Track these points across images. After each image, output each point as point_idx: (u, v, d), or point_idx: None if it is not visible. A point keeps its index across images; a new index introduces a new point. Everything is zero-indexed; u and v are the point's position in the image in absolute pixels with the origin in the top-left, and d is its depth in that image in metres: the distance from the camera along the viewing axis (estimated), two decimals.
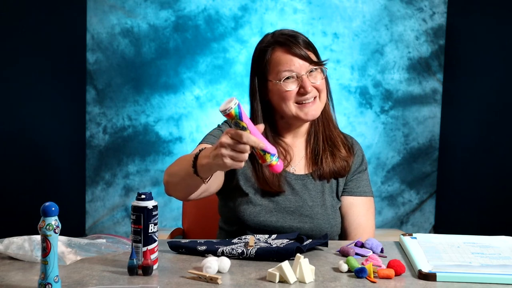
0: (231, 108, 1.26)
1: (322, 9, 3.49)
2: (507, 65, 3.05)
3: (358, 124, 3.54)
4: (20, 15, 3.03)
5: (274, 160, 1.32)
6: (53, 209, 1.13)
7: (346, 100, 3.52)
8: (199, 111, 3.48)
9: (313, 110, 1.67)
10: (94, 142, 3.47)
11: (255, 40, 3.43)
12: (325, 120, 1.75)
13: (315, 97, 1.67)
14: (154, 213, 1.31)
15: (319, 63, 1.68)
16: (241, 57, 3.46)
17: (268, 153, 1.31)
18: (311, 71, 1.66)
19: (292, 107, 1.66)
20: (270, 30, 1.78)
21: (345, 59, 3.51)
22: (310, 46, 1.69)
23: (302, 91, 1.64)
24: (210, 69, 3.47)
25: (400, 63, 3.54)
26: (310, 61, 1.66)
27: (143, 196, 1.31)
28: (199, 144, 1.70)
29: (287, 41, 1.66)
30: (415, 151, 3.60)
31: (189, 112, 3.48)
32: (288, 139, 1.75)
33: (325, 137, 1.74)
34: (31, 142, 3.13)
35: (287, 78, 1.65)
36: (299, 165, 1.74)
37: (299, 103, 1.66)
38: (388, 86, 3.55)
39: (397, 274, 1.29)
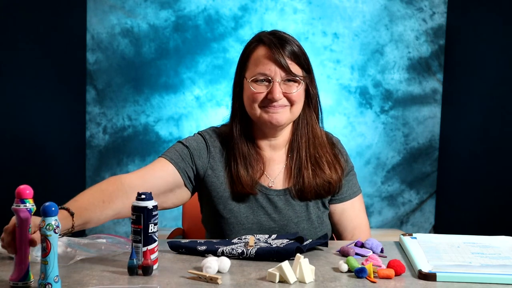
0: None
1: (322, 9, 3.49)
2: (507, 65, 3.05)
3: (358, 124, 3.54)
4: (20, 15, 3.03)
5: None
6: (53, 209, 1.13)
7: (346, 100, 3.52)
8: (199, 111, 3.48)
9: (279, 115, 1.59)
10: (94, 142, 3.47)
11: None
12: (311, 137, 1.67)
13: (286, 106, 1.60)
14: (154, 213, 1.31)
15: (294, 75, 1.59)
16: None
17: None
18: (288, 80, 1.59)
19: (257, 110, 1.60)
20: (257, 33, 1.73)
21: (345, 59, 3.51)
22: (296, 56, 1.60)
23: (269, 97, 1.58)
24: (210, 69, 3.47)
25: (400, 63, 3.54)
26: (286, 72, 1.58)
27: (143, 196, 1.31)
28: (159, 157, 1.65)
29: (271, 43, 1.59)
30: (415, 151, 3.60)
31: (189, 112, 3.48)
32: (267, 151, 1.68)
33: (309, 154, 1.65)
34: (31, 142, 3.13)
35: (259, 80, 1.59)
36: (278, 179, 1.67)
37: (265, 106, 1.59)
38: (388, 86, 3.55)
39: (397, 274, 1.29)
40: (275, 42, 1.59)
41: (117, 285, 1.20)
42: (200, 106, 3.48)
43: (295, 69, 1.60)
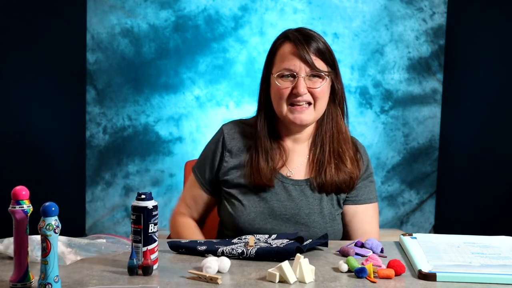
0: None
1: (322, 9, 3.49)
2: (507, 65, 3.05)
3: (358, 124, 3.54)
4: (20, 15, 3.03)
5: None
6: (53, 209, 1.13)
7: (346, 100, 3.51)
8: (199, 111, 3.48)
9: (304, 115, 1.63)
10: (94, 142, 3.47)
11: (255, 40, 3.44)
12: (335, 132, 1.71)
13: (309, 104, 1.63)
14: (154, 213, 1.31)
15: (319, 70, 1.63)
16: (241, 57, 3.46)
17: None
18: (312, 76, 1.63)
19: (284, 108, 1.64)
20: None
21: (345, 59, 3.51)
22: (321, 53, 1.64)
23: (294, 92, 1.62)
24: (210, 69, 3.47)
25: (400, 63, 3.54)
26: (311, 67, 1.62)
27: (143, 196, 1.31)
28: (193, 173, 1.78)
29: (296, 40, 1.63)
30: (415, 151, 3.60)
31: (189, 112, 3.48)
32: (288, 143, 1.72)
33: (332, 149, 1.69)
34: (31, 142, 3.13)
35: (284, 76, 1.63)
36: (298, 170, 1.71)
37: (292, 105, 1.63)
38: (388, 86, 3.55)
39: (397, 274, 1.29)
40: (300, 39, 1.63)
41: (117, 285, 1.20)
42: (200, 106, 3.48)
43: (320, 64, 1.64)
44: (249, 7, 3.46)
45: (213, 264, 1.27)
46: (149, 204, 1.31)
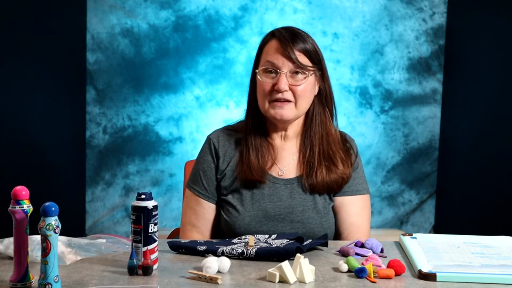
0: None
1: (322, 9, 3.49)
2: (507, 65, 3.05)
3: (358, 124, 3.54)
4: (20, 15, 3.04)
5: None
6: (53, 209, 1.13)
7: (346, 100, 3.52)
8: (199, 111, 3.48)
9: (285, 111, 1.62)
10: (94, 142, 3.47)
11: (255, 40, 3.43)
12: (324, 134, 1.70)
13: (290, 102, 1.63)
14: (154, 213, 1.31)
15: (302, 65, 1.62)
16: (241, 57, 3.46)
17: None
18: (296, 73, 1.63)
19: (265, 104, 1.64)
20: (270, 30, 1.77)
21: (345, 59, 3.51)
22: (306, 51, 1.64)
23: (276, 88, 1.61)
24: (210, 69, 3.47)
25: (400, 63, 3.54)
26: (294, 63, 1.61)
27: (143, 196, 1.31)
28: (192, 191, 1.74)
29: (281, 36, 1.63)
30: (415, 151, 3.60)
31: (189, 112, 3.48)
32: (277, 140, 1.72)
33: (322, 151, 1.69)
34: (31, 142, 3.13)
35: (267, 71, 1.64)
36: (288, 168, 1.71)
37: (273, 101, 1.63)
38: (388, 86, 3.55)
39: (397, 274, 1.29)
40: (286, 36, 1.64)
41: (117, 285, 1.20)
42: (200, 106, 3.48)
43: (303, 60, 1.63)
44: (249, 7, 3.46)
45: (213, 264, 1.27)
46: (149, 204, 1.31)
